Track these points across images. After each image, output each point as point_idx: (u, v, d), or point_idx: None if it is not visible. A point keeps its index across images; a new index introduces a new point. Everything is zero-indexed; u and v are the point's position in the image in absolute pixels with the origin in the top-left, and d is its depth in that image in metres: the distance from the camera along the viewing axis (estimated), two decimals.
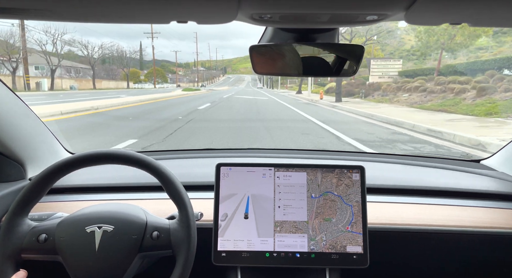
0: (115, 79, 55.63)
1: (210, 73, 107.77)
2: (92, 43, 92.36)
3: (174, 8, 0.54)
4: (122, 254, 0.82)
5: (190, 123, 9.17)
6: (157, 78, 70.11)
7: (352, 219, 0.99)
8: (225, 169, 1.02)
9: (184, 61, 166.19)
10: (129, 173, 1.25)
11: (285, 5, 0.55)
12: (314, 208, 1.00)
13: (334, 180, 1.01)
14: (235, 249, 0.98)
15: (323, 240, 0.98)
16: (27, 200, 0.85)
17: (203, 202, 1.12)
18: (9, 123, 1.12)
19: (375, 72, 22.13)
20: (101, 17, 0.60)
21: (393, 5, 0.53)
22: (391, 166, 1.46)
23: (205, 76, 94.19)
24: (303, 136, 7.18)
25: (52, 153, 1.34)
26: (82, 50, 48.04)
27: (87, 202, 1.15)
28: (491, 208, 1.14)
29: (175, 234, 0.84)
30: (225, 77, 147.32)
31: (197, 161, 1.52)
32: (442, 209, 1.13)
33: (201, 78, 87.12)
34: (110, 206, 0.90)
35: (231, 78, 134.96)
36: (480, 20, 0.60)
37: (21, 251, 0.82)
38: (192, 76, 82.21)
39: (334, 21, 0.63)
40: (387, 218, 1.09)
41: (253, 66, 0.84)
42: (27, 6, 0.53)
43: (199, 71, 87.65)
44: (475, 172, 1.37)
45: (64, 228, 0.84)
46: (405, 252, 1.12)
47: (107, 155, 0.87)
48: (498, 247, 1.09)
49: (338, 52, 0.84)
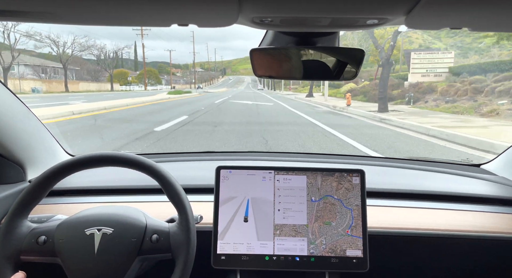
0: (100, 81, 48.97)
1: (208, 75, 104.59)
2: (64, 38, 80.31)
3: (175, 11, 0.54)
4: (121, 257, 0.82)
5: None
6: (150, 80, 65.77)
7: (352, 223, 0.99)
8: (225, 172, 1.02)
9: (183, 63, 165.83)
10: (129, 175, 1.25)
11: (286, 9, 0.55)
12: (314, 212, 0.99)
13: (334, 183, 1.01)
14: (234, 253, 0.98)
15: (322, 243, 0.98)
16: (27, 202, 0.85)
17: (203, 205, 1.12)
18: (9, 125, 1.12)
19: (416, 69, 16.98)
20: (102, 20, 0.60)
21: (394, 10, 0.54)
22: (391, 170, 1.46)
23: (204, 77, 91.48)
24: None
25: (52, 155, 1.34)
26: (52, 46, 39.89)
27: (86, 204, 1.15)
28: (491, 212, 1.14)
29: (174, 237, 0.84)
30: (224, 78, 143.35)
31: (197, 164, 1.52)
32: (442, 214, 1.12)
33: (199, 80, 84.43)
34: (110, 209, 0.89)
35: (231, 79, 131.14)
36: (481, 25, 0.61)
37: (20, 252, 0.82)
38: (190, 77, 78.76)
39: (335, 25, 0.64)
40: (387, 222, 1.08)
41: (253, 69, 0.85)
42: (28, 9, 0.53)
43: (196, 73, 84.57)
44: (475, 176, 1.37)
45: (63, 230, 0.84)
46: (405, 257, 1.12)
47: (107, 157, 0.87)
48: (498, 251, 1.08)
49: (338, 55, 0.84)
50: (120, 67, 61.57)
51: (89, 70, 48.69)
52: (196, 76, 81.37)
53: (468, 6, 0.50)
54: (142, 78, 58.27)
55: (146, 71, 61.20)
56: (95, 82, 47.28)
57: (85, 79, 47.06)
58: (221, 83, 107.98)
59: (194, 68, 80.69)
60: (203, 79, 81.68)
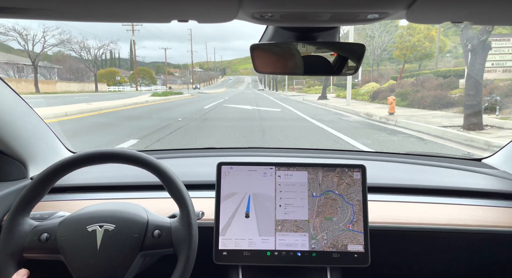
0: (85, 81, 42.05)
1: (208, 75, 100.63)
2: (34, 30, 64.40)
3: (175, 7, 0.54)
4: (123, 253, 0.82)
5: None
6: (145, 79, 59.87)
7: (353, 218, 0.99)
8: (226, 168, 1.02)
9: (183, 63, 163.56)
10: (131, 172, 1.25)
11: (286, 4, 0.54)
12: (315, 207, 1.00)
13: (335, 179, 1.01)
14: (236, 248, 0.98)
15: (324, 239, 0.98)
16: (29, 199, 0.85)
17: (204, 201, 1.12)
18: (10, 123, 1.12)
19: (497, 61, 12.15)
20: (101, 16, 0.60)
21: (394, 4, 0.53)
22: (392, 165, 1.46)
23: (203, 77, 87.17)
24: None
25: (54, 153, 1.35)
26: (18, 40, 32.58)
27: (88, 201, 1.15)
28: (492, 207, 1.14)
29: (176, 233, 0.84)
30: (224, 78, 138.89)
31: (198, 160, 1.52)
32: (443, 208, 1.13)
33: (198, 80, 79.84)
34: (112, 205, 0.90)
35: (231, 79, 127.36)
36: (482, 18, 0.60)
37: (23, 250, 0.83)
38: (189, 77, 73.97)
39: (335, 19, 0.64)
40: (388, 217, 1.08)
41: (254, 65, 0.85)
42: (28, 6, 0.53)
43: (195, 73, 79.59)
44: (476, 170, 1.37)
45: (65, 227, 0.85)
46: (406, 251, 1.12)
47: (109, 154, 0.87)
48: (499, 245, 1.08)
49: (339, 50, 0.84)
50: (116, 67, 54.11)
51: (72, 68, 42.01)
52: (195, 76, 76.81)
53: (468, 0, 0.50)
54: (135, 78, 52.85)
55: (140, 71, 55.95)
56: (77, 82, 40.61)
57: (68, 79, 40.70)
58: (220, 83, 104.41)
59: (192, 67, 77.67)
60: (202, 79, 76.91)
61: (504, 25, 0.66)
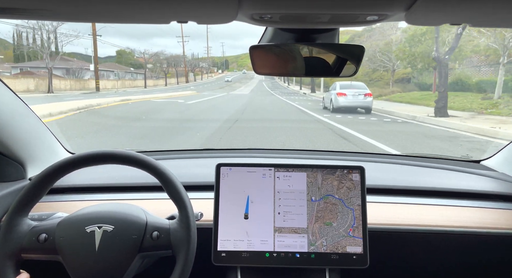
0: None
1: (195, 65, 56.53)
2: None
3: (174, 8, 0.54)
4: (122, 254, 0.82)
5: None
6: None
7: (354, 223, 0.98)
8: (225, 169, 1.02)
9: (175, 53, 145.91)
10: (129, 173, 1.25)
11: (285, 6, 0.55)
12: (314, 212, 0.99)
13: (335, 182, 1.00)
14: (235, 249, 0.98)
15: (323, 245, 0.97)
16: (27, 200, 0.85)
17: (203, 202, 1.12)
18: (9, 123, 1.12)
19: None
20: (101, 17, 0.60)
21: (394, 6, 0.53)
22: (391, 167, 1.46)
23: (178, 71, 45.50)
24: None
25: (52, 153, 1.34)
26: None
27: (87, 202, 1.15)
28: (491, 208, 1.14)
29: (175, 234, 0.84)
30: (224, 74, 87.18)
31: (197, 161, 1.52)
32: (442, 210, 1.13)
33: (172, 74, 44.99)
34: (110, 206, 0.90)
35: (233, 76, 73.59)
36: (481, 20, 0.60)
37: (21, 250, 0.82)
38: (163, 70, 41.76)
39: (334, 21, 0.64)
40: (387, 219, 1.08)
41: (253, 66, 0.84)
42: (27, 6, 0.53)
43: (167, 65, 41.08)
44: (475, 172, 1.37)
45: (64, 228, 0.84)
46: (405, 253, 1.12)
47: (107, 155, 0.87)
48: (498, 247, 1.08)
49: (338, 52, 0.84)
50: None
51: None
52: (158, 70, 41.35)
53: (467, 2, 0.50)
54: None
55: None
56: None
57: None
58: (214, 80, 60.78)
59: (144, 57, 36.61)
60: (177, 73, 46.05)
61: (502, 27, 0.66)
